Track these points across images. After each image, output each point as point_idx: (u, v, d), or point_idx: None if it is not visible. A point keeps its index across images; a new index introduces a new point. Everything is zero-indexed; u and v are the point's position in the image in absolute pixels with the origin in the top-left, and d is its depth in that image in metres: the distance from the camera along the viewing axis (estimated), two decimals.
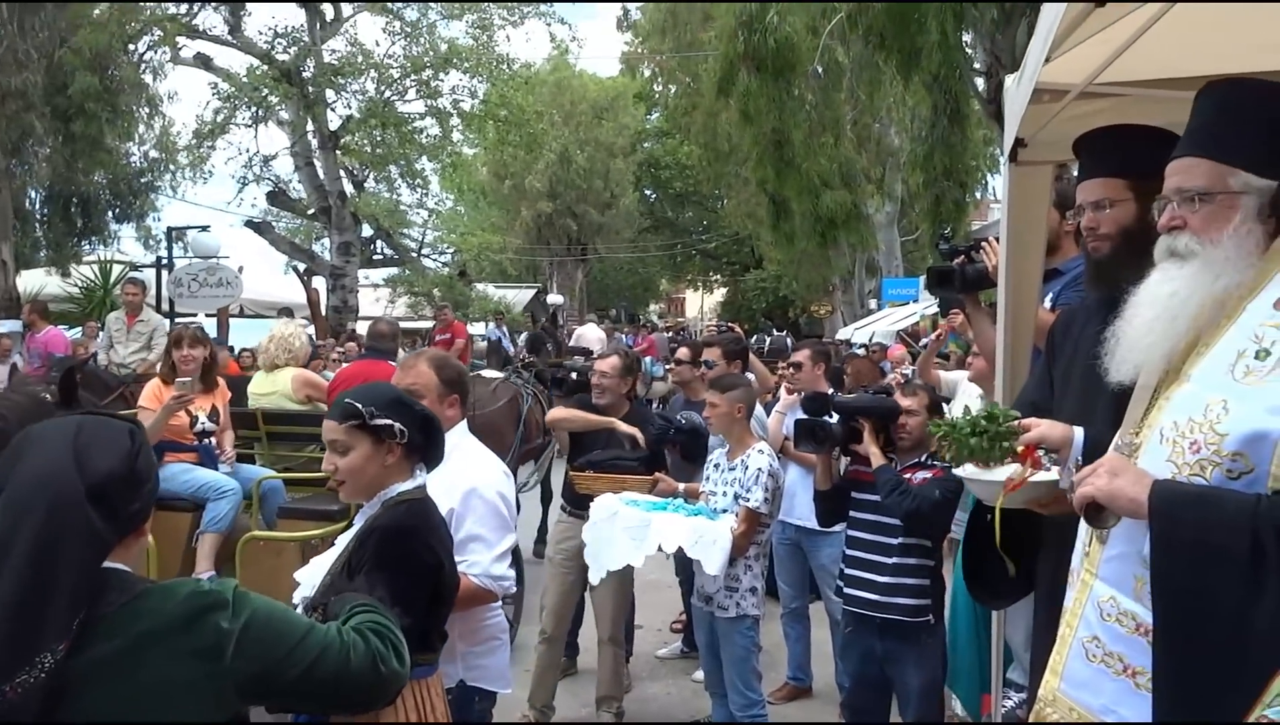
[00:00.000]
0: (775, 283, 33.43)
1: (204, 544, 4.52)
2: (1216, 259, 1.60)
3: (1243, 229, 1.60)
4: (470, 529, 2.70)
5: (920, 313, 14.61)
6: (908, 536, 3.56)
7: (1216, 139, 1.65)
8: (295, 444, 5.20)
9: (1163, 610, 1.45)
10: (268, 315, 16.06)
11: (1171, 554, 1.44)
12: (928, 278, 3.56)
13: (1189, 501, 1.46)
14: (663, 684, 5.41)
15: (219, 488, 4.57)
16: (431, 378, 2.80)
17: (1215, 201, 1.62)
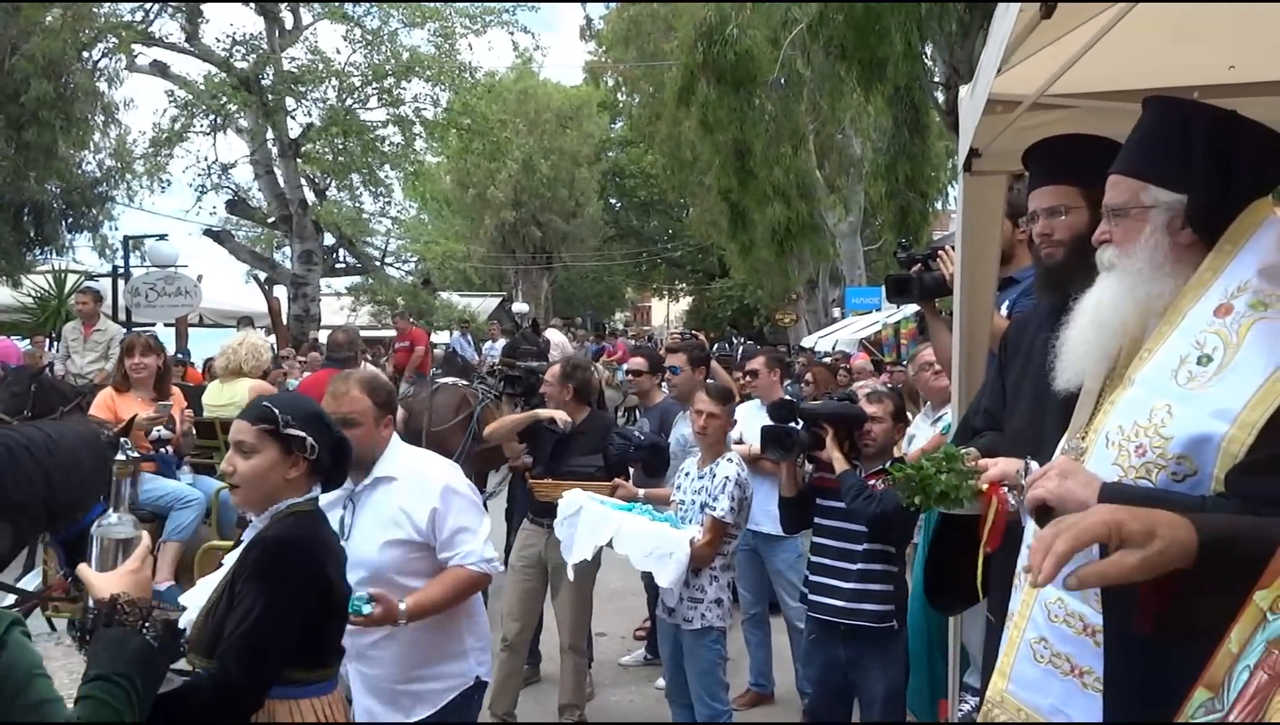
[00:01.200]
0: (740, 291, 33.63)
1: (165, 553, 4.52)
2: (1130, 270, 1.69)
3: (1151, 241, 1.67)
4: (455, 522, 2.84)
5: (883, 321, 14.75)
6: (872, 543, 3.59)
7: (1134, 157, 1.74)
8: None
9: (1113, 612, 1.48)
10: (227, 324, 15.84)
11: None
12: (886, 286, 3.61)
13: (1137, 503, 1.46)
14: (625, 691, 5.40)
15: (183, 498, 4.58)
16: (366, 403, 2.81)
17: (1130, 216, 1.70)
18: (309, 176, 18.93)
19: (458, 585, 2.85)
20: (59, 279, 14.57)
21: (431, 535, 2.83)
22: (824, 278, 22.78)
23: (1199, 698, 1.22)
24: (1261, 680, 1.15)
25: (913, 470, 1.99)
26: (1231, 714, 1.17)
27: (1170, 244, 1.66)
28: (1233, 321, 1.53)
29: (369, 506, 2.86)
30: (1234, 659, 1.20)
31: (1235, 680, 1.18)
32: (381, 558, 2.80)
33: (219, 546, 4.33)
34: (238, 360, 5.41)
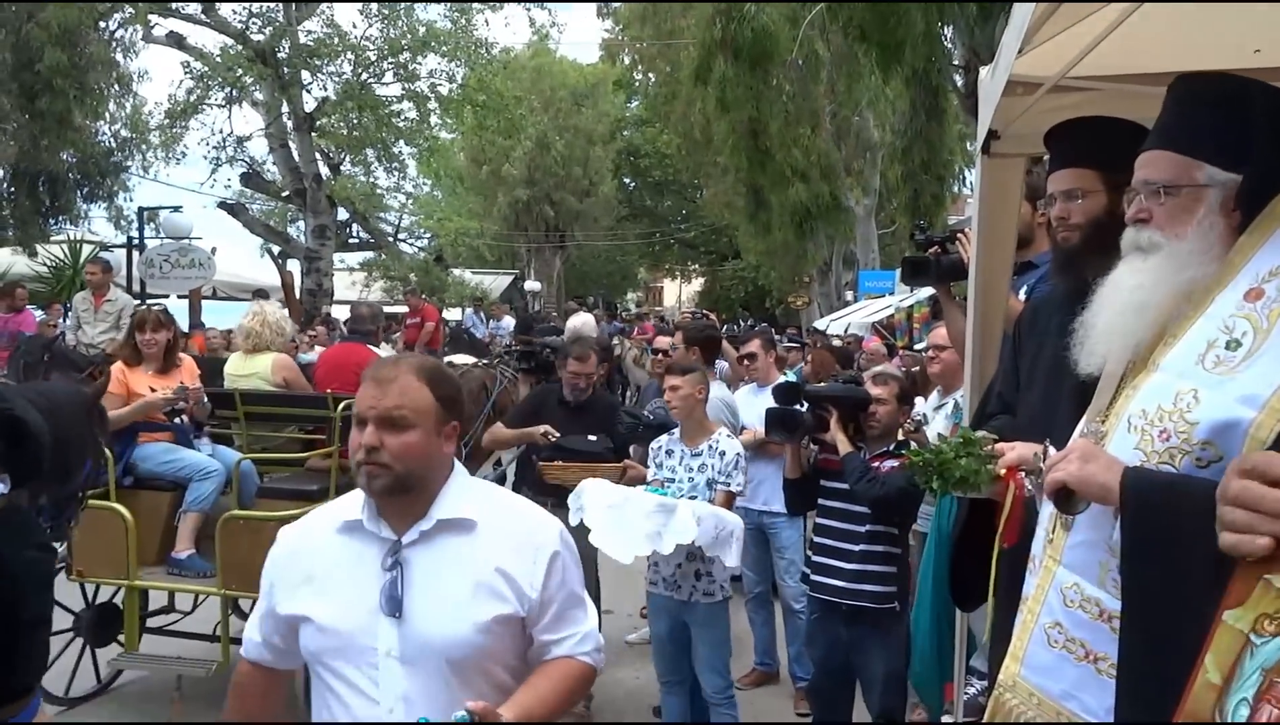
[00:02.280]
0: (753, 273, 33.51)
1: (185, 523, 4.58)
2: (1181, 252, 1.62)
3: (1206, 222, 1.61)
4: (569, 594, 2.00)
5: (896, 305, 14.69)
6: (875, 524, 3.60)
7: (1183, 133, 1.66)
8: (273, 425, 5.24)
9: (1131, 597, 1.46)
10: (241, 297, 15.90)
11: (1142, 541, 1.44)
12: (903, 268, 3.58)
13: (1160, 489, 1.46)
14: (631, 668, 5.43)
15: (203, 469, 4.62)
16: (426, 398, 1.91)
17: (1180, 195, 1.63)
18: (323, 151, 18.90)
19: (571, 684, 1.98)
20: (74, 249, 14.63)
21: (536, 609, 1.94)
22: (838, 260, 22.68)
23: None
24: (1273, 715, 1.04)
25: (930, 454, 1.98)
26: None
27: (1224, 226, 1.61)
28: (1264, 306, 1.50)
29: (434, 564, 1.91)
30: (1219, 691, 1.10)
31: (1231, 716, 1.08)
32: (471, 642, 1.88)
33: (239, 516, 4.38)
34: (255, 339, 5.39)
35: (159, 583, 4.62)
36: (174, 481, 4.65)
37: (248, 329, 5.43)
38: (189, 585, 4.61)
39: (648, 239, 40.44)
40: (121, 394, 4.57)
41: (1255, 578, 1.13)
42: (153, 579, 4.58)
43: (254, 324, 5.41)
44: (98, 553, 4.44)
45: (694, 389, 3.99)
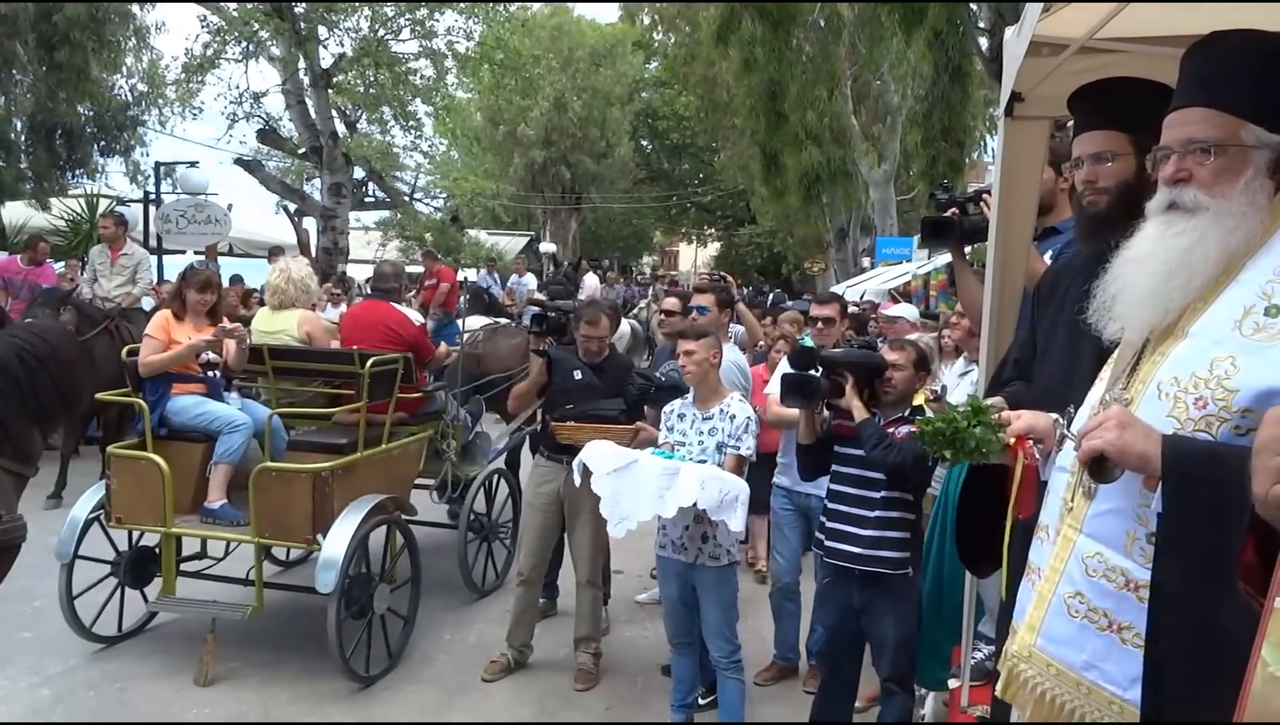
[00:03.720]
0: (769, 239, 33.31)
1: (217, 474, 4.74)
2: (1230, 213, 1.56)
3: (1255, 183, 1.56)
4: None
5: (912, 272, 14.58)
6: (890, 491, 3.59)
7: (1226, 91, 1.59)
8: (300, 379, 5.38)
9: (1169, 568, 1.43)
10: (257, 254, 15.93)
11: (1185, 511, 1.41)
12: (923, 228, 3.51)
13: (1203, 458, 1.43)
14: (640, 628, 5.49)
15: (233, 423, 4.77)
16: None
17: (1228, 154, 1.57)
18: (340, 108, 18.83)
19: None
20: (91, 203, 14.66)
21: None
22: (855, 227, 22.49)
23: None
24: None
25: (942, 423, 1.96)
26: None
27: (1271, 188, 1.56)
28: None
29: None
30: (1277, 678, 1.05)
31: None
32: None
33: (272, 467, 4.52)
34: (291, 295, 5.52)
35: (194, 530, 4.78)
36: (205, 434, 4.79)
37: (274, 286, 5.56)
38: (224, 533, 4.75)
39: (664, 202, 40.19)
40: (163, 341, 4.80)
41: None
42: (188, 526, 4.74)
43: (280, 281, 5.54)
44: (135, 500, 4.62)
45: (708, 353, 3.98)
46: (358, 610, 4.56)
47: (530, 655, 4.90)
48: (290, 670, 4.74)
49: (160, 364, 4.70)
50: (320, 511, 4.46)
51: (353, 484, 4.69)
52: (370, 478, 4.82)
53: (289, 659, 4.84)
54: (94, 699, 4.40)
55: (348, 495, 4.61)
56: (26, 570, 3.94)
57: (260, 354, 5.12)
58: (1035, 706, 1.67)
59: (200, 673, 4.54)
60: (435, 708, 4.44)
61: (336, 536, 4.40)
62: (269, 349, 5.17)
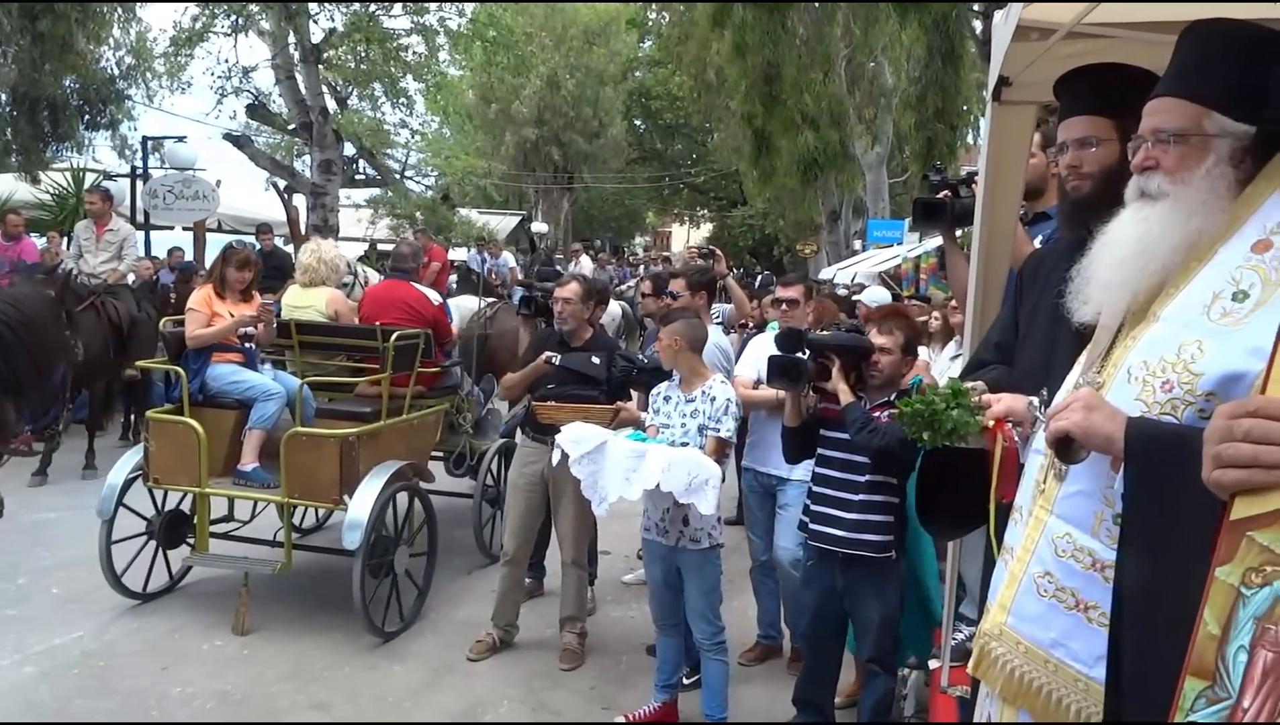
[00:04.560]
0: (762, 220, 33.24)
1: (250, 439, 5.08)
2: (1188, 200, 1.59)
3: (1215, 171, 1.59)
4: None
5: (903, 255, 14.57)
6: (875, 474, 3.60)
7: (1193, 80, 1.63)
8: (326, 353, 5.74)
9: (1132, 548, 1.45)
10: (246, 231, 15.83)
11: (1145, 491, 1.44)
12: (914, 209, 3.51)
13: (1165, 440, 1.44)
14: (626, 608, 5.52)
15: (267, 391, 5.14)
16: None
17: (1189, 143, 1.60)
18: (330, 84, 18.63)
19: None
20: (77, 177, 14.53)
21: None
22: (847, 209, 22.45)
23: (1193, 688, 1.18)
24: (1268, 659, 1.11)
25: (921, 405, 1.97)
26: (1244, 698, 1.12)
27: (1233, 176, 1.58)
28: (1273, 258, 1.48)
29: None
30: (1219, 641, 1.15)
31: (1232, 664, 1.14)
32: None
33: (302, 433, 4.85)
34: (320, 274, 5.89)
35: (227, 491, 5.12)
36: (239, 400, 5.14)
37: (305, 265, 5.94)
38: (256, 494, 5.09)
39: (656, 183, 40.05)
40: (207, 314, 5.17)
41: (1241, 535, 1.17)
42: (221, 488, 5.08)
43: (311, 260, 5.92)
44: (172, 462, 4.95)
45: (671, 340, 3.99)
46: (379, 568, 4.87)
47: (516, 635, 4.92)
48: (290, 631, 4.76)
49: (209, 337, 5.09)
50: (347, 474, 4.77)
51: (377, 450, 5.00)
52: (392, 445, 5.14)
53: (291, 623, 4.87)
54: (78, 676, 4.41)
55: (372, 460, 4.92)
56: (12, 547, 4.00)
57: (288, 328, 5.49)
58: (1005, 683, 1.70)
59: (237, 623, 4.89)
60: (421, 686, 4.46)
61: (362, 497, 4.73)
62: (297, 324, 5.55)
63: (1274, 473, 1.14)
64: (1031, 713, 1.67)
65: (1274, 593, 1.13)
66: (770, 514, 4.64)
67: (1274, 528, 1.15)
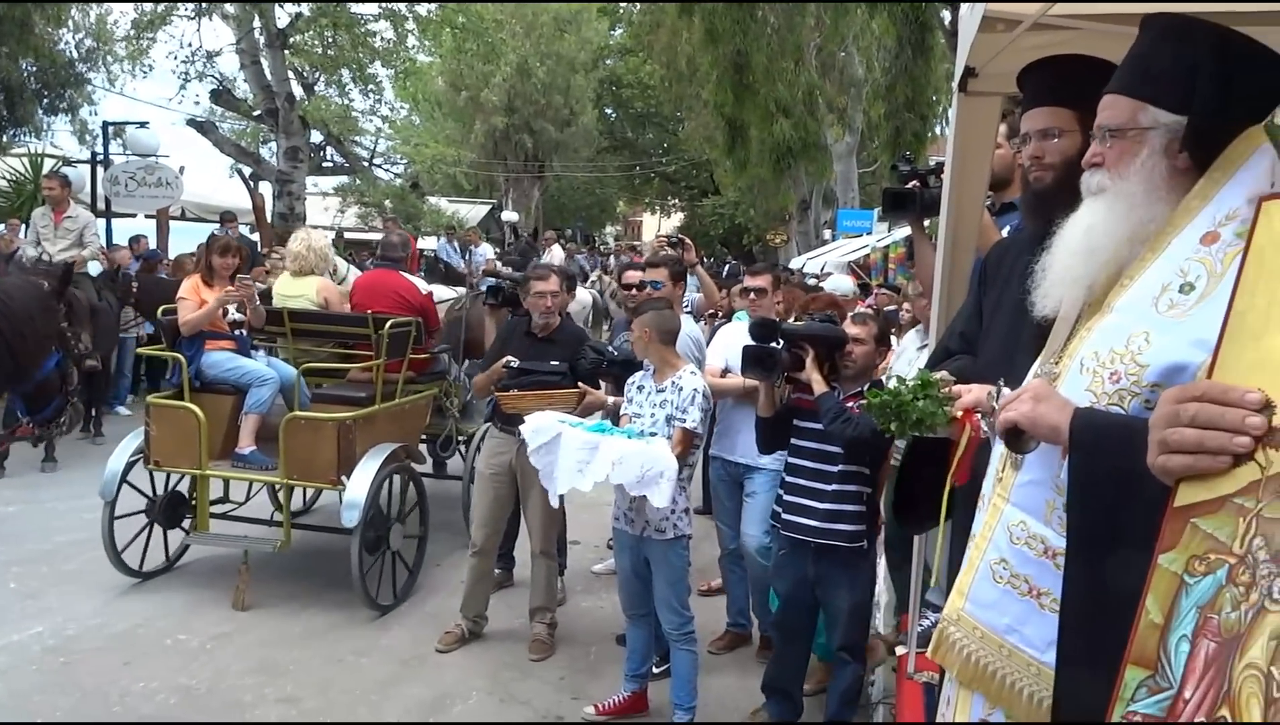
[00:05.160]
0: (732, 210, 33.28)
1: (247, 423, 5.28)
2: (1126, 193, 1.63)
3: (1149, 163, 1.62)
4: None
5: (872, 245, 14.65)
6: (848, 464, 3.62)
7: (1133, 76, 1.66)
8: (317, 340, 5.94)
9: (1077, 535, 1.48)
10: (210, 220, 15.57)
11: (1089, 480, 1.46)
12: (884, 199, 3.53)
13: (1108, 429, 1.47)
14: (596, 598, 5.51)
15: (261, 377, 5.34)
16: None
17: (1126, 137, 1.64)
18: (297, 69, 18.37)
19: None
20: (35, 162, 14.22)
21: None
22: (817, 199, 22.52)
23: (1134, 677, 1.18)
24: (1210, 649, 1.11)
25: (889, 396, 1.99)
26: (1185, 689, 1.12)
27: (1168, 168, 1.61)
28: (1218, 250, 1.50)
29: None
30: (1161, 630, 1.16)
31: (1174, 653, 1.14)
32: None
33: (301, 416, 5.08)
34: (310, 262, 6.02)
35: (227, 473, 5.33)
36: (236, 386, 5.34)
37: (295, 253, 6.08)
38: (256, 475, 5.33)
39: (628, 172, 39.95)
40: (196, 301, 5.35)
41: (1185, 522, 1.18)
42: (220, 469, 5.27)
43: (301, 249, 6.07)
44: (172, 446, 5.14)
45: (641, 332, 4.00)
46: (376, 544, 5.07)
47: (485, 625, 4.90)
48: (255, 626, 4.71)
49: (197, 321, 5.25)
50: (345, 456, 5.00)
51: (372, 433, 5.21)
52: (386, 428, 5.35)
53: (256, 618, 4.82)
54: (37, 673, 4.34)
55: (368, 442, 5.14)
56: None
57: (280, 316, 5.64)
58: (961, 668, 1.72)
59: (237, 599, 5.08)
60: (389, 678, 4.43)
61: (359, 478, 4.94)
62: (289, 312, 5.69)
63: (1219, 459, 1.15)
64: (986, 696, 1.70)
65: (1217, 581, 1.12)
66: (739, 502, 4.65)
67: (1218, 514, 1.15)
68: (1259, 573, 1.09)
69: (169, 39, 17.51)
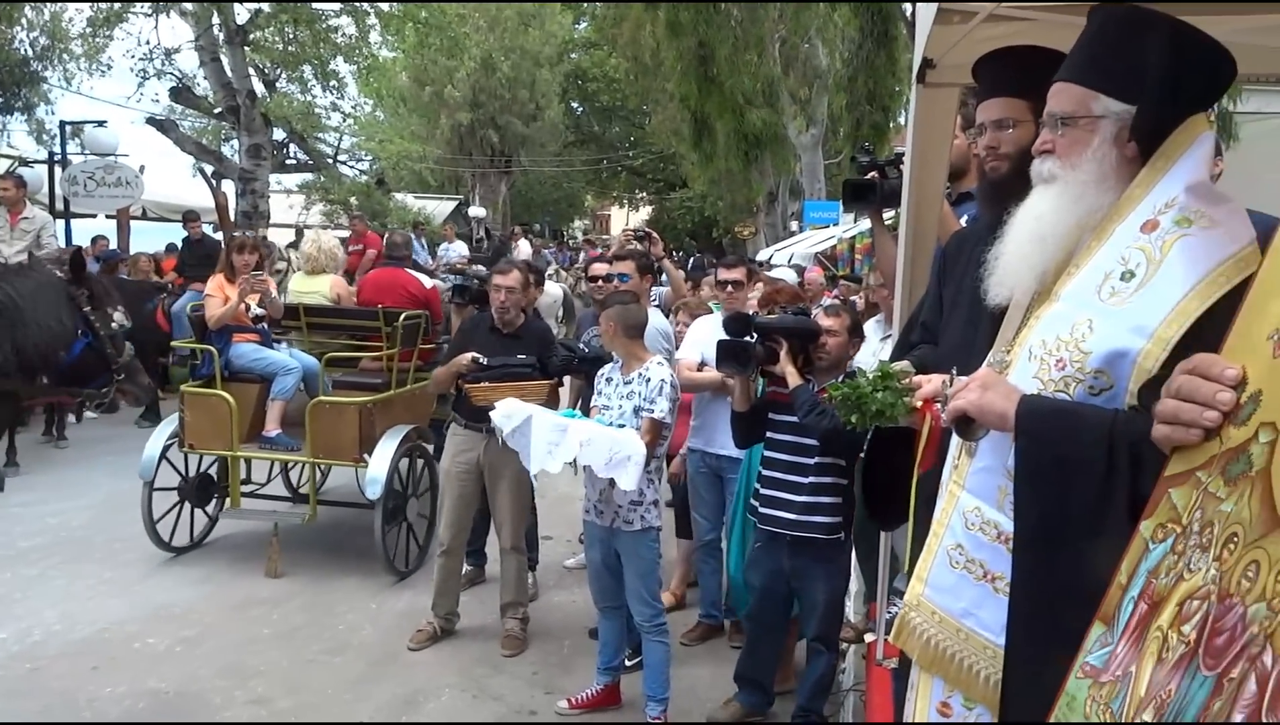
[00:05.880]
0: (701, 203, 33.30)
1: (273, 408, 5.76)
2: (1077, 182, 1.65)
3: (1100, 152, 1.64)
4: None
5: (839, 236, 14.73)
6: (824, 456, 3.64)
7: (1083, 64, 1.68)
8: (331, 333, 6.39)
9: (1025, 519, 1.51)
10: (172, 219, 15.35)
11: (1034, 465, 1.49)
12: (844, 191, 3.55)
13: (1052, 415, 1.51)
14: (569, 593, 5.52)
15: (284, 366, 5.83)
16: None
17: (1078, 126, 1.66)
18: (258, 66, 18.13)
19: None
20: None
21: None
22: (784, 191, 22.59)
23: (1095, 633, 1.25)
24: (1143, 610, 1.17)
25: (849, 389, 2.00)
26: (1120, 645, 1.19)
27: (1117, 156, 1.63)
28: (1157, 237, 1.53)
29: None
30: (1123, 590, 1.22)
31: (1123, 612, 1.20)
32: None
33: (326, 401, 5.63)
34: (322, 261, 6.59)
35: (257, 453, 5.84)
36: (261, 375, 5.81)
37: (308, 254, 6.68)
38: (284, 455, 5.88)
39: (595, 166, 39.84)
40: (220, 298, 5.83)
41: (1164, 492, 1.23)
42: (250, 451, 5.78)
43: (313, 250, 6.67)
44: (205, 430, 5.63)
45: (607, 326, 4.02)
46: (394, 514, 5.55)
47: (457, 623, 4.90)
48: (225, 627, 4.67)
49: (223, 316, 5.71)
50: (366, 436, 5.51)
51: (389, 415, 5.74)
52: (400, 412, 5.86)
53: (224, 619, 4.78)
54: (3, 679, 4.27)
55: (385, 424, 5.65)
56: None
57: (297, 311, 6.19)
58: (921, 652, 1.76)
59: (269, 567, 5.57)
60: (361, 677, 4.41)
61: (380, 455, 5.43)
62: (304, 307, 6.25)
63: (1191, 431, 1.18)
64: (945, 679, 1.73)
65: (1165, 549, 1.18)
66: (718, 495, 4.69)
67: (1184, 487, 1.20)
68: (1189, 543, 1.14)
69: (126, 36, 17.31)
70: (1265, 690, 0.92)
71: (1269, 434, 1.07)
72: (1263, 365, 1.13)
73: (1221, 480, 1.13)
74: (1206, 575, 1.09)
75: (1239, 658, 0.99)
